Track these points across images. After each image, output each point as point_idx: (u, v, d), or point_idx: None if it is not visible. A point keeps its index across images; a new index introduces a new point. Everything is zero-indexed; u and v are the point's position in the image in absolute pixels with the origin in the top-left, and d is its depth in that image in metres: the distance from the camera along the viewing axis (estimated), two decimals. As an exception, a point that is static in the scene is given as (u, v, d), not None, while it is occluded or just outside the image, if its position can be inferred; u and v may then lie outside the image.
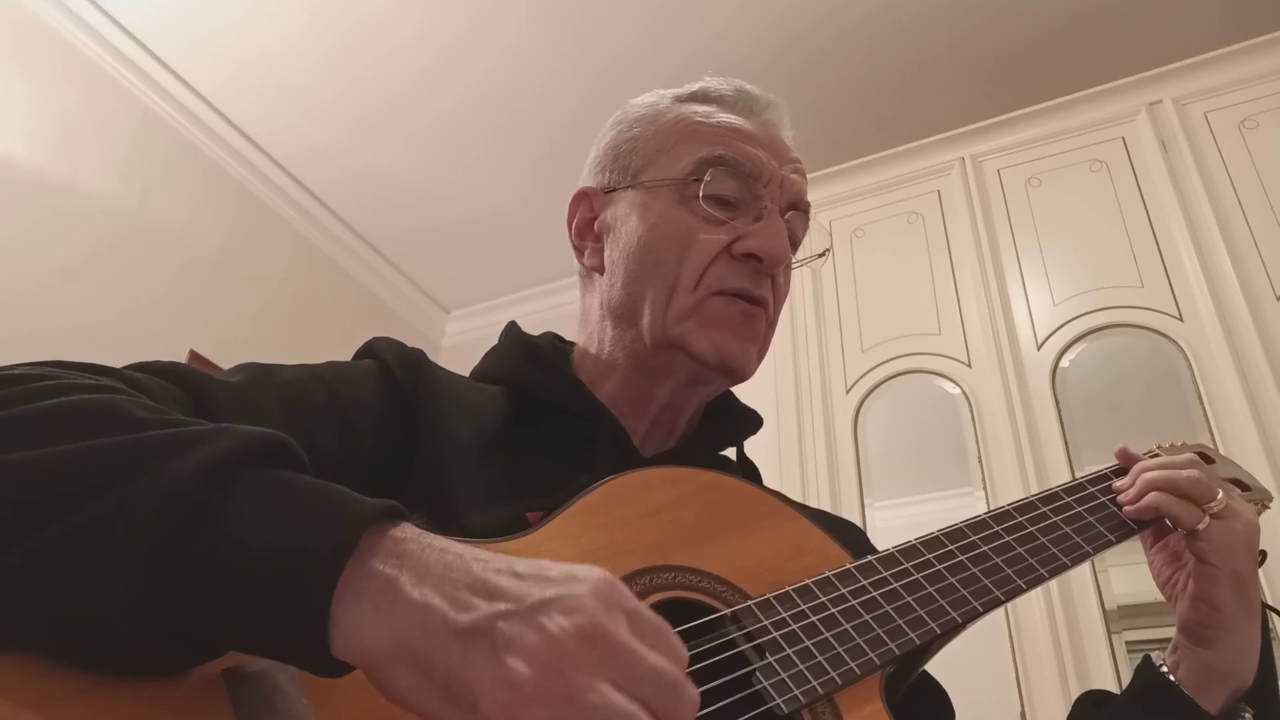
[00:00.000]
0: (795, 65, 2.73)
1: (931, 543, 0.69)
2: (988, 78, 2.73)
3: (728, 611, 0.58)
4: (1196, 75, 2.26)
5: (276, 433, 0.44)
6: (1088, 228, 2.22)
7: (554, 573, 0.40)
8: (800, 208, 0.79)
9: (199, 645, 0.40)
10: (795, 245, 0.80)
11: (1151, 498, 0.75)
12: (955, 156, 2.48)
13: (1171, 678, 0.70)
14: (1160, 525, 0.75)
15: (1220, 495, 0.73)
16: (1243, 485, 0.82)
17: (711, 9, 2.60)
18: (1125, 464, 0.81)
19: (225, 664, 0.43)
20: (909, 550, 0.68)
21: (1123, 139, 2.29)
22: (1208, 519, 0.71)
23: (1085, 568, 1.85)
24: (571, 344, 0.85)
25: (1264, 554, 0.75)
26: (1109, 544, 0.74)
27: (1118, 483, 0.79)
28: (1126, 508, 0.77)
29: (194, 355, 2.71)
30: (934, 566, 0.67)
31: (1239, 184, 2.10)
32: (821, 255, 0.86)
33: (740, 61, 2.71)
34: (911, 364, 2.27)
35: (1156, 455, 0.81)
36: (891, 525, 2.16)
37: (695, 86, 0.83)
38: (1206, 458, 0.83)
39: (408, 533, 0.41)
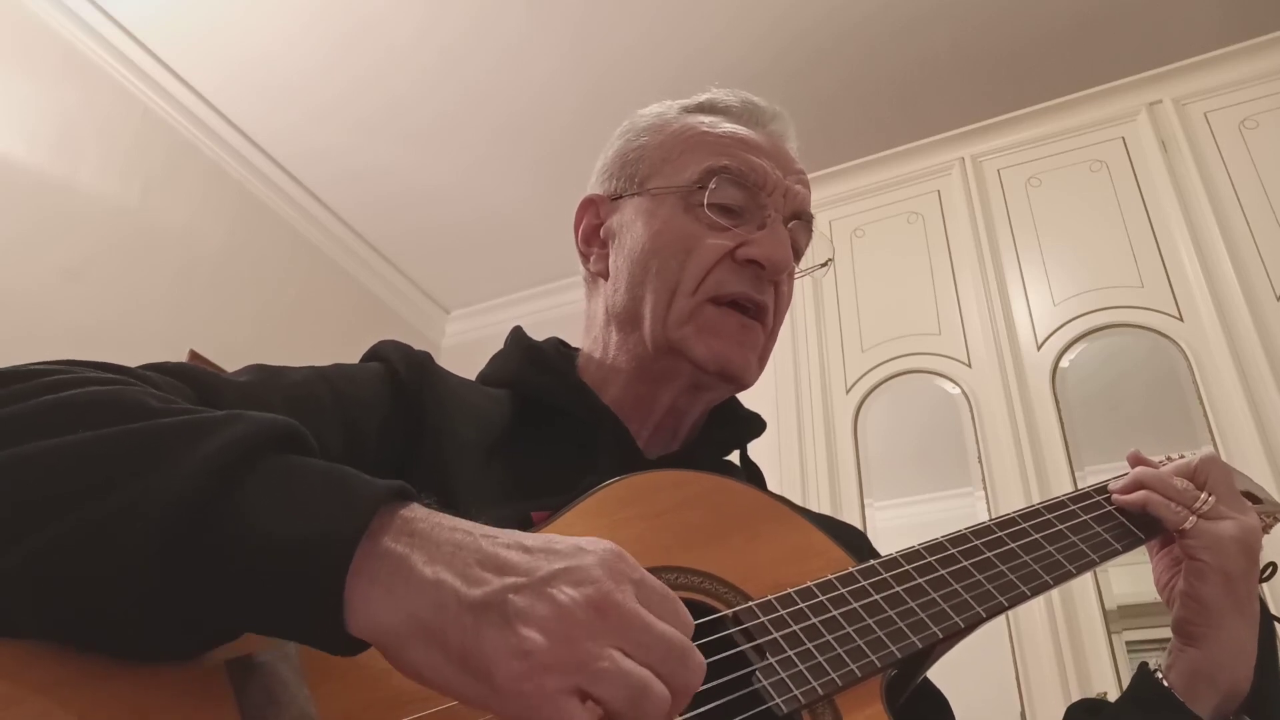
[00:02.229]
0: (795, 65, 2.73)
1: (935, 547, 0.69)
2: (988, 78, 2.73)
3: (729, 612, 0.58)
4: (1196, 75, 2.26)
5: (286, 419, 0.45)
6: (1088, 228, 2.22)
7: (562, 546, 0.41)
8: (803, 218, 0.80)
9: (211, 631, 0.41)
10: (798, 254, 0.81)
11: (1140, 495, 0.75)
12: (955, 156, 2.48)
13: (1165, 682, 0.70)
14: (1167, 534, 0.75)
15: (1206, 496, 0.73)
16: (1254, 498, 0.82)
17: (711, 9, 2.60)
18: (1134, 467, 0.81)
19: (229, 655, 0.43)
20: (912, 554, 0.68)
21: (1123, 139, 2.29)
22: (1194, 518, 0.72)
23: (1085, 568, 1.85)
24: (576, 349, 0.85)
25: (1274, 566, 0.74)
26: (1115, 552, 0.74)
27: (1114, 483, 0.79)
28: (1115, 496, 0.78)
29: (194, 355, 2.71)
30: (937, 571, 0.67)
31: (1239, 184, 2.10)
32: (824, 265, 0.87)
33: (740, 62, 2.71)
34: (911, 364, 2.27)
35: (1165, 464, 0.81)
36: (891, 525, 2.16)
37: (702, 97, 0.84)
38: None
39: (417, 512, 0.42)
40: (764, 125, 0.82)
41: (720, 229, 0.75)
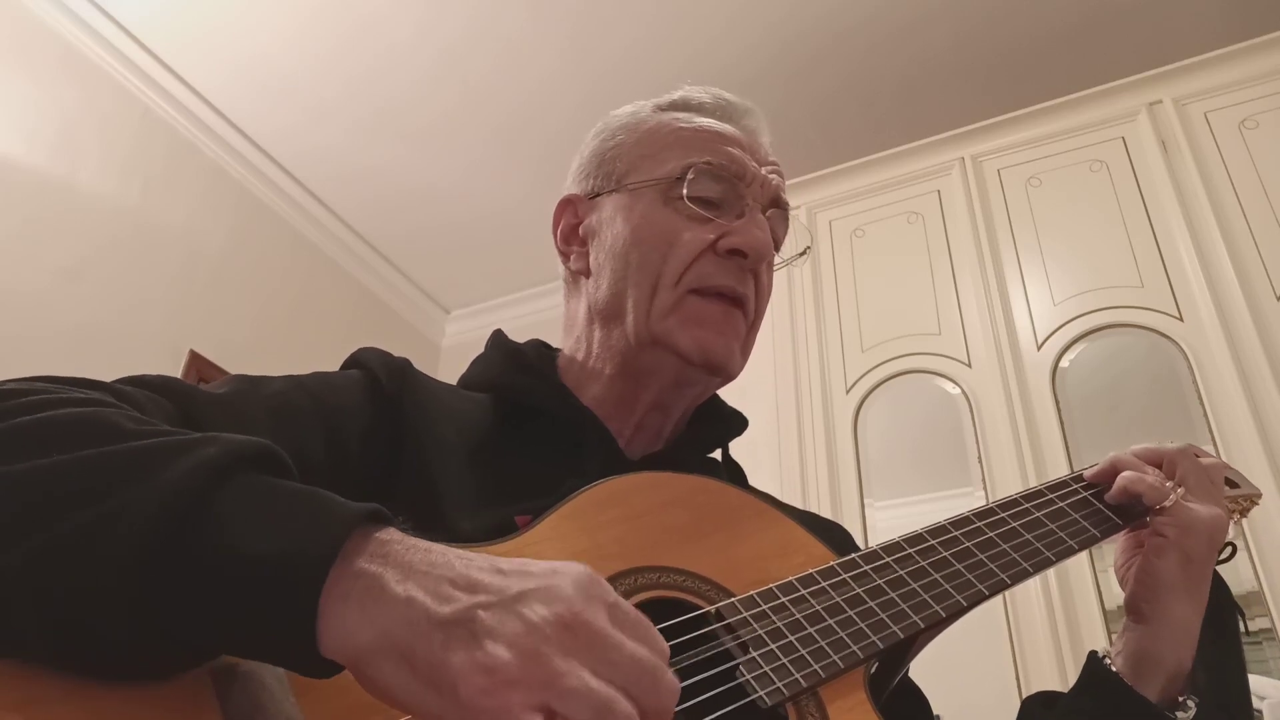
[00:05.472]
0: (795, 65, 2.73)
1: (915, 539, 0.69)
2: (988, 78, 2.73)
3: (711, 608, 0.58)
4: (1196, 75, 2.26)
5: (262, 440, 0.45)
6: (1088, 228, 2.22)
7: (536, 568, 0.41)
8: (780, 206, 0.81)
9: (190, 649, 0.41)
10: (777, 244, 0.82)
11: (1121, 477, 0.76)
12: (955, 156, 2.48)
13: (1113, 668, 0.71)
14: (1141, 522, 0.76)
15: (1174, 486, 0.75)
16: (1232, 483, 0.83)
17: (711, 9, 2.60)
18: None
19: (214, 665, 0.43)
20: (892, 546, 0.68)
21: (1123, 139, 2.29)
22: (1174, 495, 0.73)
23: (1085, 568, 1.85)
24: (557, 350, 0.86)
25: (1233, 547, 0.76)
26: (1094, 539, 0.75)
27: (1089, 471, 0.80)
28: (1087, 472, 0.79)
29: (194, 355, 2.71)
30: (917, 562, 0.67)
31: (1239, 184, 2.10)
32: (803, 254, 0.88)
33: (740, 62, 2.71)
34: (911, 364, 2.28)
35: None
36: (891, 525, 2.16)
37: (675, 95, 0.85)
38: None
39: (392, 535, 0.41)
40: (737, 120, 0.83)
41: (700, 220, 0.76)
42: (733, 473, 0.85)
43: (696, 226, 0.76)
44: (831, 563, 0.65)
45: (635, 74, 2.75)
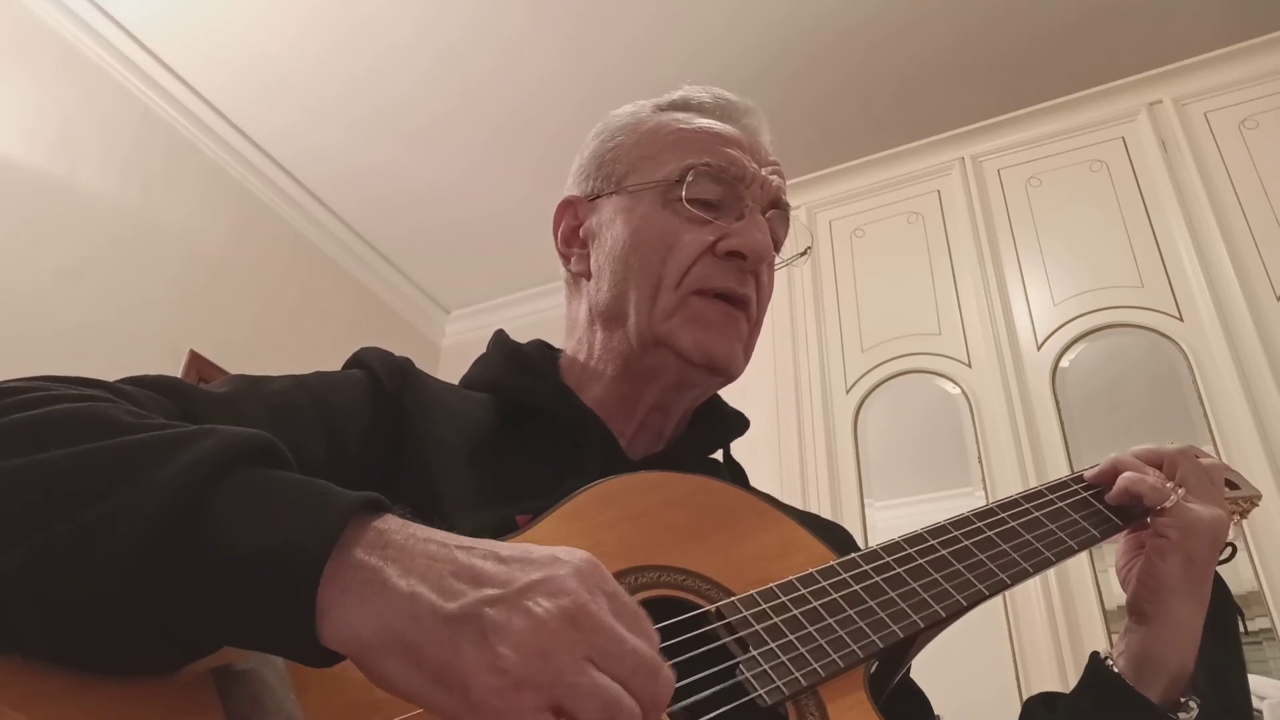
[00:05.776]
0: (795, 65, 2.73)
1: (914, 539, 0.69)
2: (988, 78, 2.73)
3: (711, 607, 0.58)
4: (1196, 75, 2.26)
5: (260, 432, 0.45)
6: (1088, 228, 2.22)
7: (537, 555, 0.41)
8: (780, 207, 0.81)
9: (192, 643, 0.41)
10: (777, 245, 0.82)
11: (1122, 478, 0.76)
12: (955, 156, 2.48)
13: (1115, 669, 0.71)
14: (1142, 523, 0.76)
15: (1175, 487, 0.75)
16: (1232, 485, 0.83)
17: (711, 9, 2.60)
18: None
19: (214, 662, 0.43)
20: (892, 546, 0.68)
21: (1123, 139, 2.29)
22: (1175, 497, 0.73)
23: (1085, 568, 1.85)
24: (559, 351, 0.86)
25: (1233, 548, 0.76)
26: (1094, 540, 0.75)
27: (1089, 472, 0.80)
28: (1087, 472, 0.79)
29: (194, 355, 2.71)
30: (917, 561, 0.67)
31: (1239, 184, 2.10)
32: (804, 254, 0.88)
33: (740, 62, 2.71)
34: (911, 364, 2.28)
35: None
36: (891, 525, 2.16)
37: (675, 95, 0.85)
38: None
39: (391, 524, 0.42)
40: (737, 120, 0.82)
41: (700, 222, 0.76)
42: (734, 473, 0.85)
43: (696, 228, 0.75)
44: (832, 562, 0.65)
45: (635, 74, 2.75)
